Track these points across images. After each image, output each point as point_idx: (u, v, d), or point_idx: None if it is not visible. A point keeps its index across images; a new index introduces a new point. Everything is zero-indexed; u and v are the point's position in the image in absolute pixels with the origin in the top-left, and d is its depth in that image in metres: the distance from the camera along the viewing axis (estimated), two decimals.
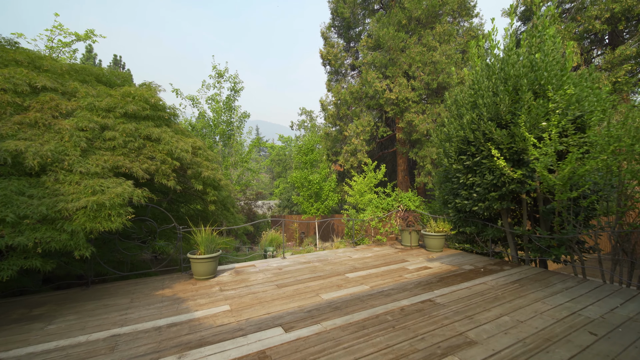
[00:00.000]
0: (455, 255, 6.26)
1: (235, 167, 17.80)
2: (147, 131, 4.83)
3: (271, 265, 5.78)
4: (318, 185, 14.82)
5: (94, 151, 4.23)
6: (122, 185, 3.87)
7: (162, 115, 5.36)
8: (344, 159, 17.35)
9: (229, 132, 17.27)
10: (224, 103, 17.09)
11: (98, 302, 4.11)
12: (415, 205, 7.79)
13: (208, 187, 5.73)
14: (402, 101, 14.79)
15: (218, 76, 17.07)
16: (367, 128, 16.13)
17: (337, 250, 6.97)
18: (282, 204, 28.85)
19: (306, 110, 32.21)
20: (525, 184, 4.91)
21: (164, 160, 4.81)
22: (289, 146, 47.47)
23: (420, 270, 5.28)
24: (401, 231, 7.20)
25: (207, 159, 5.81)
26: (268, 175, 51.97)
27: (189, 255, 4.91)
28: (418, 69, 14.80)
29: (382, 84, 15.00)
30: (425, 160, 15.25)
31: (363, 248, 7.15)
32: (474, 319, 3.31)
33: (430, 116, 14.62)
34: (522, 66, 4.91)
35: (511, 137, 4.85)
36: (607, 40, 14.92)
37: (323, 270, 5.38)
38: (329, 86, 20.86)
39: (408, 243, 7.06)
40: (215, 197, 5.77)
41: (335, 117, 19.41)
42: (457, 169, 5.79)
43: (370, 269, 5.43)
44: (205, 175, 5.31)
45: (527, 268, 5.20)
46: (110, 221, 3.54)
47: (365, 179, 10.79)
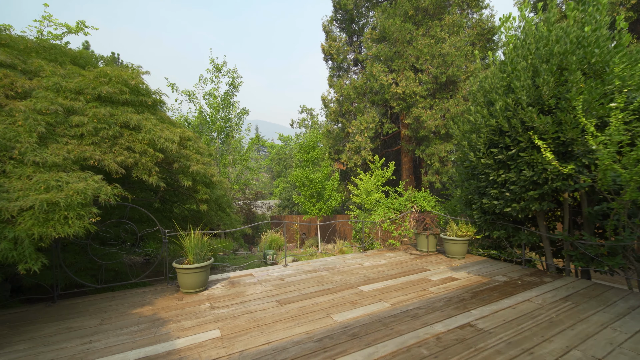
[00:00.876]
0: (481, 263, 5.50)
1: (233, 165, 17.03)
2: (125, 117, 4.06)
3: (272, 275, 5.01)
4: (320, 185, 14.06)
5: (56, 139, 3.46)
6: (87, 181, 3.10)
7: (145, 100, 4.59)
8: (347, 157, 16.58)
9: (227, 128, 16.50)
10: (222, 99, 16.33)
11: (61, 324, 3.34)
12: (430, 205, 7.03)
13: (198, 184, 4.96)
14: (409, 96, 14.03)
15: (216, 70, 16.31)
16: (372, 125, 15.36)
17: (346, 257, 6.20)
18: (282, 203, 28.09)
19: (307, 108, 31.46)
20: (572, 181, 4.15)
21: (144, 151, 4.04)
22: (289, 145, 46.74)
23: (446, 281, 4.52)
24: (416, 235, 6.44)
25: (198, 151, 5.04)
26: (268, 175, 51.23)
27: (174, 264, 4.14)
28: (426, 62, 14.04)
29: (387, 77, 14.24)
30: (433, 158, 14.50)
31: (374, 254, 6.38)
32: (536, 354, 2.55)
33: (438, 112, 13.87)
34: (570, 42, 4.15)
35: (557, 124, 4.09)
36: None
37: (332, 282, 4.61)
38: (331, 82, 20.10)
39: (425, 248, 6.30)
40: (208, 195, 5.00)
41: (337, 114, 18.65)
42: (486, 165, 5.02)
43: (386, 279, 4.67)
44: (194, 169, 4.54)
45: (572, 280, 4.44)
46: (67, 225, 2.77)
47: (372, 177, 10.03)
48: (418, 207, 7.05)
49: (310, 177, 13.85)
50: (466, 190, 5.87)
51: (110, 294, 4.26)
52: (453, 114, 13.55)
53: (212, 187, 5.47)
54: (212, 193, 5.43)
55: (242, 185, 16.34)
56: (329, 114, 19.88)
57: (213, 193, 5.48)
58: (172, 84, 15.33)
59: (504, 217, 5.48)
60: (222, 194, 6.30)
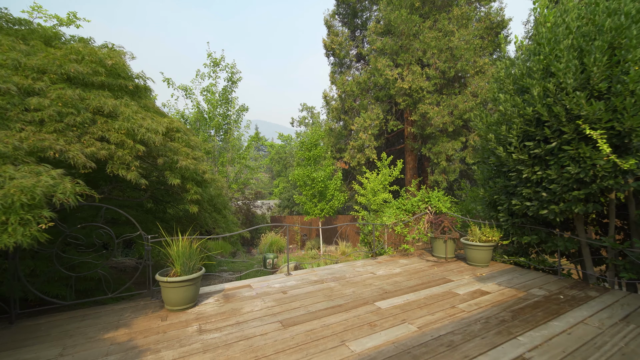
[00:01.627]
0: (509, 272, 4.86)
1: (232, 163, 16.38)
2: (98, 102, 3.41)
3: (273, 287, 4.36)
4: (323, 184, 13.42)
5: (7, 124, 2.81)
6: (41, 176, 2.45)
7: (125, 84, 3.94)
8: (349, 155, 15.94)
9: (225, 126, 15.85)
10: (220, 94, 15.68)
11: (10, 355, 2.69)
12: (446, 206, 6.39)
13: (188, 182, 4.31)
14: (416, 91, 13.40)
15: (214, 65, 15.65)
16: (376, 122, 14.72)
17: (355, 264, 5.55)
18: (282, 204, 27.44)
19: (307, 106, 30.81)
20: (630, 178, 3.51)
21: (121, 142, 3.40)
22: (289, 144, 46.10)
23: (476, 295, 3.88)
24: (432, 239, 5.81)
25: (188, 145, 4.40)
26: (267, 175, 50.62)
27: (157, 277, 3.49)
28: (433, 56, 13.41)
29: (393, 72, 13.59)
30: (440, 156, 13.86)
31: (386, 260, 5.74)
32: None
33: (446, 108, 13.23)
34: (624, 15, 3.52)
35: (612, 112, 3.45)
36: None
37: (343, 296, 3.97)
38: (333, 78, 19.46)
39: (442, 254, 5.66)
40: (199, 195, 4.35)
41: (339, 111, 18.01)
42: (519, 160, 4.39)
43: (406, 293, 4.03)
44: (182, 165, 3.89)
45: (623, 295, 3.80)
46: (7, 233, 2.12)
47: (379, 176, 9.39)
48: (433, 208, 6.41)
49: (312, 176, 13.22)
50: (490, 190, 5.23)
51: (81, 312, 3.61)
52: (462, 111, 12.93)
53: (205, 186, 4.83)
54: (205, 192, 4.78)
55: (241, 185, 15.69)
56: (330, 111, 19.24)
57: (206, 192, 4.83)
58: (168, 79, 14.67)
59: (535, 220, 4.85)
60: (217, 194, 5.65)
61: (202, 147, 5.12)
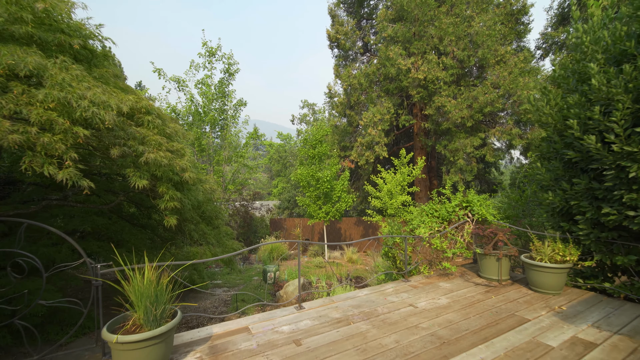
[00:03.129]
0: (594, 303, 3.64)
1: (229, 162, 15.13)
2: (11, 58, 2.16)
3: (280, 330, 3.12)
4: (328, 185, 12.18)
5: None
6: None
7: (67, 41, 2.69)
8: (357, 153, 14.71)
9: (221, 121, 14.58)
10: (216, 87, 14.41)
11: None
12: (490, 213, 5.17)
13: (162, 183, 3.07)
14: (432, 82, 12.18)
15: (209, 55, 14.37)
16: (386, 116, 13.49)
17: (384, 289, 4.32)
18: (282, 205, 26.19)
19: (308, 103, 29.57)
20: None
21: (49, 122, 2.15)
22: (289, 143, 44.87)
23: (579, 350, 2.65)
24: (480, 255, 4.58)
25: (163, 133, 3.15)
26: (266, 175, 49.45)
27: (104, 333, 2.25)
28: (451, 43, 12.19)
29: (406, 61, 12.37)
30: (457, 154, 12.66)
31: (423, 283, 4.51)
32: None
33: (465, 101, 12.02)
34: None
35: None
36: None
37: (382, 348, 2.73)
38: (337, 72, 18.23)
39: (494, 275, 4.44)
40: (178, 202, 3.10)
41: (345, 106, 16.78)
42: (624, 154, 3.16)
43: (474, 344, 2.79)
44: (149, 159, 2.66)
45: None
46: None
47: (398, 176, 8.16)
48: (475, 215, 5.18)
49: (316, 176, 11.98)
50: (563, 194, 4.00)
51: None
52: (482, 104, 11.72)
53: (188, 189, 3.58)
54: (187, 198, 3.54)
55: (238, 186, 14.44)
56: (335, 106, 18.00)
57: (189, 198, 3.58)
58: (159, 69, 13.40)
59: (629, 233, 3.64)
60: (206, 199, 4.41)
61: (186, 138, 3.91)
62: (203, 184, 3.85)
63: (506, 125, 12.16)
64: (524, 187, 6.18)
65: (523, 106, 11.07)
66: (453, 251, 4.73)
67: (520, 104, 11.31)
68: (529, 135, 11.58)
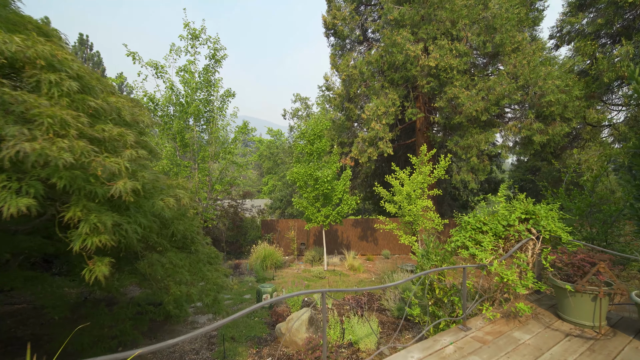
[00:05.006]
0: None
1: (216, 159, 13.54)
2: None
3: None
4: (329, 185, 10.81)
5: None
6: None
7: None
8: (357, 149, 13.37)
9: (207, 113, 12.97)
10: (200, 75, 12.76)
11: None
12: (562, 228, 3.90)
13: (78, 201, 1.61)
14: (444, 70, 10.91)
15: (192, 38, 12.67)
16: (392, 109, 12.18)
17: (441, 347, 2.99)
18: (274, 204, 24.71)
19: (301, 96, 28.02)
20: None
21: None
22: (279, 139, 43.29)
23: None
24: (560, 290, 3.31)
25: (83, 107, 1.68)
26: (256, 172, 47.84)
27: None
28: (465, 28, 10.95)
29: (415, 47, 11.06)
30: (470, 151, 11.47)
31: (489, 332, 3.21)
32: None
33: (480, 92, 10.82)
34: None
35: None
36: None
37: None
38: (334, 62, 16.81)
39: (586, 319, 3.17)
40: (109, 233, 1.65)
41: (343, 98, 15.40)
42: None
43: None
44: (26, 151, 1.20)
45: None
46: None
47: (418, 177, 6.86)
48: (544, 231, 3.90)
49: (315, 175, 10.59)
50: None
51: None
52: (499, 95, 10.54)
53: (138, 206, 2.15)
54: (137, 218, 2.08)
55: (226, 185, 12.91)
56: (332, 99, 16.61)
57: (139, 218, 2.13)
58: (133, 53, 11.66)
59: None
60: (178, 215, 2.96)
61: (147, 124, 2.47)
62: (172, 189, 2.42)
63: (524, 119, 11.02)
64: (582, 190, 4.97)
65: (546, 98, 9.96)
66: (526, 283, 3.43)
67: (542, 96, 10.17)
68: (549, 131, 10.47)
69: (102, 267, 1.75)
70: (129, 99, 2.67)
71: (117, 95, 2.36)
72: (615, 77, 9.57)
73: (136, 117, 2.30)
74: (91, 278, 1.72)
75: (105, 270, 1.76)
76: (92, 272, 1.73)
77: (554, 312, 3.61)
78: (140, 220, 2.06)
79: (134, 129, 2.39)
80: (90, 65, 28.30)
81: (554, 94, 9.71)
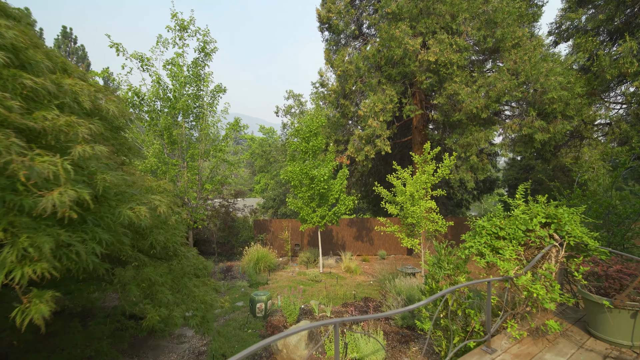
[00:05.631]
0: None
1: (206, 157, 12.96)
2: None
3: None
4: (325, 184, 10.38)
5: None
6: None
7: None
8: (354, 147, 12.97)
9: (196, 109, 12.37)
10: (189, 68, 12.14)
11: None
12: (586, 234, 3.55)
13: None
14: (444, 66, 10.56)
15: (180, 29, 12.03)
16: (389, 106, 11.80)
17: None
18: (266, 204, 24.17)
19: (294, 93, 27.46)
20: None
21: None
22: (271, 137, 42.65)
23: None
24: (593, 305, 2.95)
25: None
26: (247, 170, 47.13)
27: None
28: (465, 22, 10.61)
29: (414, 41, 10.67)
30: (469, 150, 11.18)
31: (517, 355, 2.82)
32: None
33: (481, 88, 10.52)
34: None
35: None
36: None
37: None
38: (328, 57, 16.36)
39: (623, 338, 2.83)
40: (48, 261, 1.17)
41: (338, 95, 14.98)
42: None
43: None
44: None
45: None
46: None
47: (423, 176, 6.47)
48: (568, 237, 3.54)
49: (311, 174, 10.14)
50: None
51: None
52: (499, 92, 10.24)
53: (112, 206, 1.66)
54: (99, 231, 1.61)
55: (217, 185, 12.35)
56: (327, 96, 16.17)
57: (101, 230, 1.65)
58: (117, 44, 10.99)
59: None
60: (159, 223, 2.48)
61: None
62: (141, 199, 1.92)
63: (525, 117, 10.76)
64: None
65: (549, 95, 9.70)
66: (553, 296, 3.06)
67: (544, 93, 9.91)
68: (551, 129, 10.24)
69: (41, 307, 1.28)
70: (97, 85, 2.18)
71: (77, 78, 1.88)
72: (617, 74, 9.36)
73: (99, 106, 1.82)
74: (24, 322, 1.25)
75: (46, 311, 1.28)
76: (26, 313, 1.27)
77: (582, 328, 3.26)
78: (101, 236, 1.59)
79: (99, 119, 1.90)
80: (74, 59, 27.17)
81: (556, 91, 9.45)
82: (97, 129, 1.72)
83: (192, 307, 2.80)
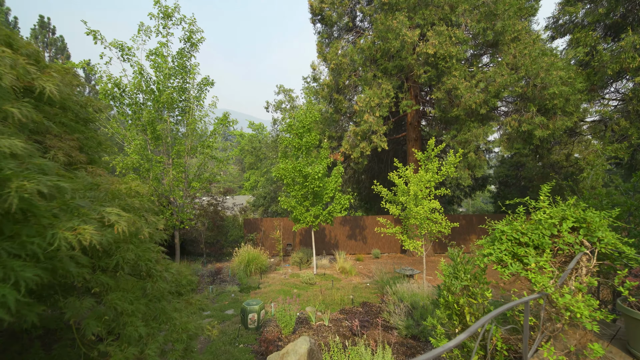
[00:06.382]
0: None
1: (193, 154, 12.27)
2: None
3: None
4: (319, 182, 9.90)
5: None
6: None
7: None
8: (348, 144, 12.52)
9: (182, 103, 11.67)
10: (174, 59, 11.41)
11: None
12: (624, 242, 3.18)
13: None
14: (443, 59, 10.18)
15: (164, 17, 11.27)
16: (385, 100, 11.37)
17: None
18: (256, 202, 23.54)
19: (285, 88, 26.75)
20: None
21: None
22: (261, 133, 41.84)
23: None
24: (634, 321, 2.56)
25: None
26: (237, 167, 46.20)
27: None
28: (465, 13, 10.23)
29: (412, 33, 10.24)
30: (467, 146, 10.87)
31: None
32: None
33: (480, 83, 10.18)
34: None
35: None
36: None
37: None
38: (321, 50, 15.81)
39: None
40: None
41: (331, 89, 14.43)
42: None
43: None
44: None
45: None
46: None
47: (426, 174, 6.06)
48: (599, 244, 3.16)
49: (305, 172, 9.64)
50: None
51: None
52: (499, 86, 9.93)
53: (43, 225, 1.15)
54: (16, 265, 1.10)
55: (205, 183, 11.70)
56: (319, 91, 15.61)
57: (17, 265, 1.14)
58: (94, 31, 10.19)
59: None
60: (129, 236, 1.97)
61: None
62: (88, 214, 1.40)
63: (524, 112, 10.50)
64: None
65: (550, 90, 9.43)
66: (594, 314, 2.67)
67: (544, 88, 9.64)
68: (551, 125, 10.00)
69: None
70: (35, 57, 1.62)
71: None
72: (619, 69, 9.15)
73: (33, 81, 1.29)
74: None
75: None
76: None
77: (621, 348, 2.90)
78: (19, 275, 1.05)
79: (47, 104, 1.38)
80: (53, 50, 25.76)
81: (557, 86, 9.19)
82: (26, 114, 1.19)
83: (172, 339, 2.30)
